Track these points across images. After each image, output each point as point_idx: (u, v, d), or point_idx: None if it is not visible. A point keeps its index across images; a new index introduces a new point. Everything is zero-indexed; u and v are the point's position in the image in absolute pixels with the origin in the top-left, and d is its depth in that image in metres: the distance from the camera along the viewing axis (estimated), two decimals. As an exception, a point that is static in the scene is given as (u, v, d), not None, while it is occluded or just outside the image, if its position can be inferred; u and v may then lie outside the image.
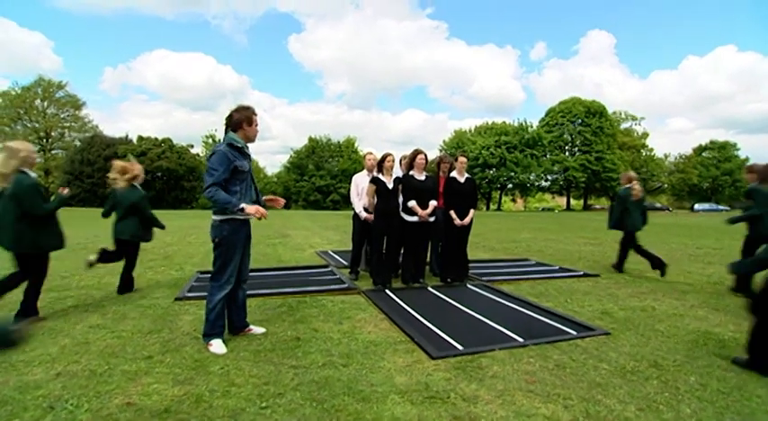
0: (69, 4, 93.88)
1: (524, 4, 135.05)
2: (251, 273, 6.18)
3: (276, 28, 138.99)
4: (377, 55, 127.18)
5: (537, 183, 50.21)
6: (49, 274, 3.86)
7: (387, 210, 5.26)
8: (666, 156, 58.72)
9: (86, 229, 13.48)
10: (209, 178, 2.99)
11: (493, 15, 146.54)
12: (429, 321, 3.88)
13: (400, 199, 5.40)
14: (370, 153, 6.04)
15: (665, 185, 56.86)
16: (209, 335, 3.15)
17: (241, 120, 3.15)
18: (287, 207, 8.05)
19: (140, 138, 43.28)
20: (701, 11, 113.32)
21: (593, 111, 46.49)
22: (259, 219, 3.09)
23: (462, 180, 5.77)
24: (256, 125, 3.25)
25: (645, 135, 56.19)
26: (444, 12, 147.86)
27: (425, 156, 5.54)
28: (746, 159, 55.45)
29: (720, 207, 50.06)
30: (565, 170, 46.83)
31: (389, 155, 5.38)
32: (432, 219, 5.46)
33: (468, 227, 5.74)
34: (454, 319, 4.01)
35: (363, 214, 5.66)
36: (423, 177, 5.49)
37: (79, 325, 3.62)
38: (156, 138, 43.20)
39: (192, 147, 48.36)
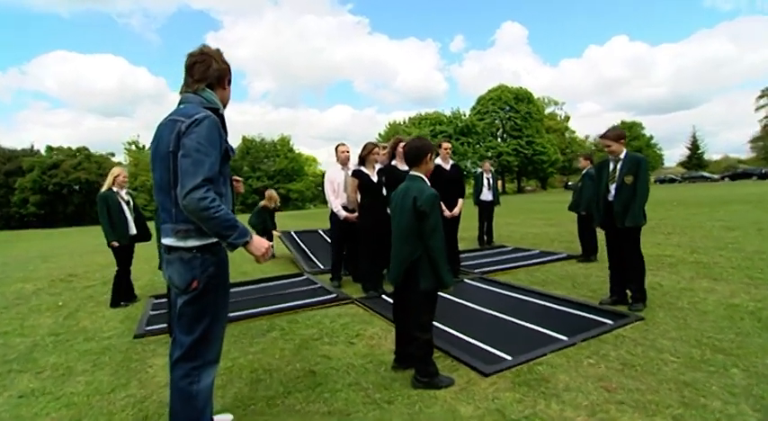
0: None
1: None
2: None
3: (191, 26, 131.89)
4: (299, 52, 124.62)
5: (473, 170, 51.73)
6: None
7: (374, 205, 4.68)
8: (587, 137, 63.16)
9: (-10, 258, 11.41)
10: (198, 168, 1.62)
11: (412, 10, 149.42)
12: (451, 327, 3.39)
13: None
14: (343, 144, 5.40)
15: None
16: None
17: (224, 75, 1.93)
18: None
19: (49, 149, 38.28)
20: (600, 2, 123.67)
21: (521, 98, 48.57)
22: (258, 261, 1.82)
23: (448, 167, 5.35)
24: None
25: (567, 118, 60.00)
26: (365, 7, 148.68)
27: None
28: (651, 137, 61.12)
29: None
30: (498, 155, 48.62)
31: (374, 145, 4.80)
32: (420, 211, 4.97)
33: (458, 218, 5.34)
34: (477, 322, 3.55)
35: (343, 213, 5.03)
36: (406, 167, 4.97)
37: (3, 395, 2.67)
38: (70, 148, 38.48)
39: (114, 155, 43.93)
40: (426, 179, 2.52)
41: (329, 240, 5.15)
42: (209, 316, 1.80)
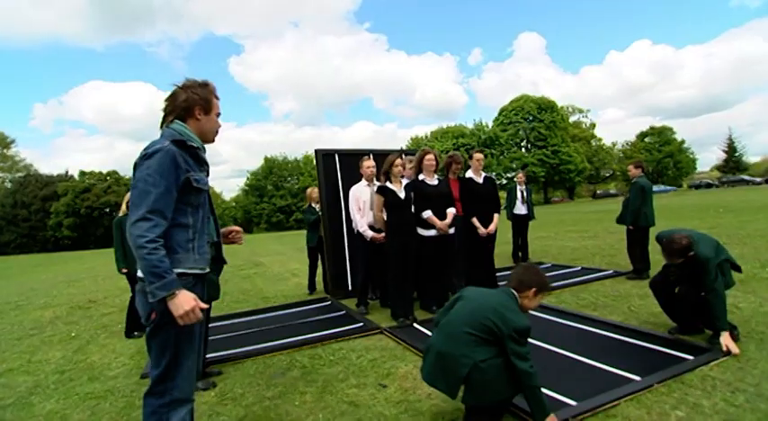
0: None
1: (458, 12, 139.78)
2: (234, 320, 4.96)
3: (215, 51, 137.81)
4: (320, 71, 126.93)
5: (498, 182, 50.81)
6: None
7: (402, 224, 4.27)
8: (614, 145, 61.33)
9: (21, 282, 11.55)
10: (143, 200, 1.58)
11: (429, 25, 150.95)
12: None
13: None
14: (368, 158, 5.05)
15: (617, 172, 59.24)
16: None
17: (193, 104, 1.80)
18: (248, 230, 5.89)
19: (82, 174, 39.82)
20: (618, 8, 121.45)
21: (545, 107, 47.69)
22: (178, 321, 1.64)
23: (481, 180, 4.92)
24: (218, 115, 1.90)
25: (592, 126, 58.47)
26: (382, 25, 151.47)
27: (435, 156, 4.63)
28: (683, 142, 58.68)
29: (669, 187, 52.43)
30: (524, 166, 47.64)
31: (396, 157, 4.42)
32: (452, 230, 4.54)
33: (493, 236, 4.88)
34: (526, 358, 3.06)
35: (369, 233, 4.64)
36: (435, 181, 4.57)
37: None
38: (101, 173, 39.93)
39: (141, 178, 45.31)
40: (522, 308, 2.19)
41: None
42: (170, 350, 1.70)
